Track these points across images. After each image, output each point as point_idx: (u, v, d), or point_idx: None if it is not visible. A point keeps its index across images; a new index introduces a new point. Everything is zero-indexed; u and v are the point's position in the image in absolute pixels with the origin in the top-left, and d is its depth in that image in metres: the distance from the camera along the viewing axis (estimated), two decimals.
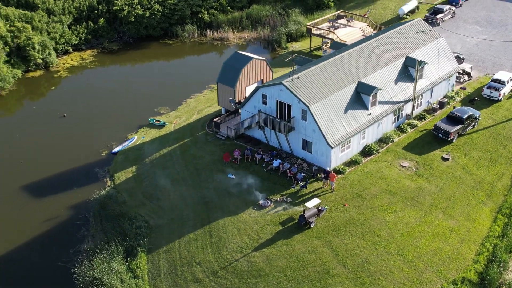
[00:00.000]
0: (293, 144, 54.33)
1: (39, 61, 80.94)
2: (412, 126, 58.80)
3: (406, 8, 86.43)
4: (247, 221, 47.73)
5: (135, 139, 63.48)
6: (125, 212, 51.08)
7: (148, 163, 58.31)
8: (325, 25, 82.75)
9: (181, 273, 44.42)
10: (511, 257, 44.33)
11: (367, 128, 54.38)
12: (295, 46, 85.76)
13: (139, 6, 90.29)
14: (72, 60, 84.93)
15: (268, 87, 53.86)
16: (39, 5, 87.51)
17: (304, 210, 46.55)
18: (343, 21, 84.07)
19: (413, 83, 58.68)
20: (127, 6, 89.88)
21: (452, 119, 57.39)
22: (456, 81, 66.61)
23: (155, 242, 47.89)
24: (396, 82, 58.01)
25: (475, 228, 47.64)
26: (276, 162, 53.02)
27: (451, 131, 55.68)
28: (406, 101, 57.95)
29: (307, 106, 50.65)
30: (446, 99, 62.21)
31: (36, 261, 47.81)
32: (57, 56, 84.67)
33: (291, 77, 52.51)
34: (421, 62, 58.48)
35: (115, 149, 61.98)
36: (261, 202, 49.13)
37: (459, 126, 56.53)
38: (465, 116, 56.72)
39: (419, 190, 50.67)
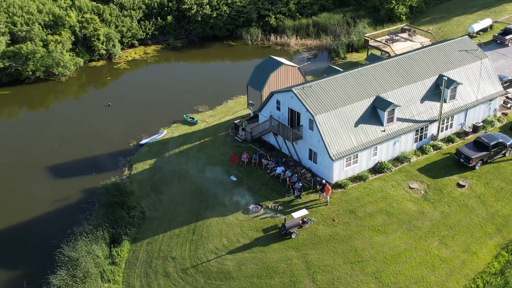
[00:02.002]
0: (301, 153, 53.51)
1: (103, 52, 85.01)
2: (436, 148, 55.89)
3: (477, 27, 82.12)
4: (232, 224, 47.64)
5: (164, 133, 65.17)
6: (126, 201, 52.53)
7: (166, 157, 59.68)
8: (385, 37, 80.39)
9: (155, 265, 45.18)
10: None
11: (379, 145, 52.38)
12: (354, 56, 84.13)
13: (208, 6, 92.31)
14: (135, 53, 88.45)
15: (281, 93, 53.45)
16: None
17: (285, 220, 45.74)
18: (405, 35, 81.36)
19: (443, 103, 55.80)
20: (196, 5, 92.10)
21: (479, 144, 53.98)
22: (503, 106, 62.46)
23: (142, 233, 49.01)
24: (422, 100, 55.42)
25: (471, 261, 44.59)
26: (278, 169, 52.49)
27: (473, 157, 52.38)
28: (431, 121, 55.15)
29: (313, 116, 49.69)
30: (482, 124, 58.49)
31: (34, 236, 50.30)
32: (122, 49, 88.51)
33: (303, 85, 51.71)
34: (452, 81, 55.51)
35: (143, 141, 63.95)
36: (251, 207, 48.84)
37: (484, 153, 53.04)
38: (492, 143, 53.13)
39: (420, 214, 48.18)
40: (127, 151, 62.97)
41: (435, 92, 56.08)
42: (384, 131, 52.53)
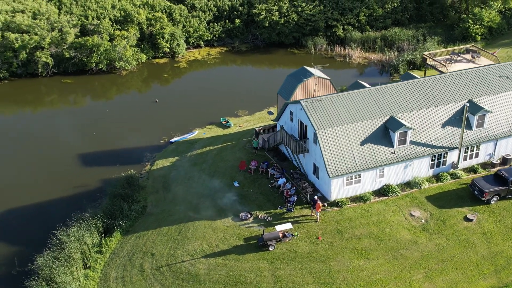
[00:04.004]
0: (306, 166, 52.84)
1: (167, 50, 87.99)
2: (454, 176, 53.04)
3: None
4: (218, 229, 48.02)
5: (195, 133, 66.60)
6: (132, 195, 54.36)
7: (187, 157, 61.05)
8: (444, 57, 76.97)
9: (134, 259, 46.52)
10: None
11: (387, 167, 50.54)
12: (414, 74, 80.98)
13: (277, 13, 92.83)
14: (199, 54, 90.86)
15: (293, 105, 53.08)
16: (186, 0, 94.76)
17: (263, 231, 45.47)
18: (468, 56, 77.38)
19: (468, 131, 52.91)
20: (265, 11, 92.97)
21: (498, 178, 50.64)
22: None
23: (136, 227, 50.56)
24: (444, 125, 52.75)
25: None
26: (280, 181, 52.12)
27: (487, 190, 49.20)
28: (451, 148, 52.38)
29: (315, 130, 48.95)
30: None
31: (44, 216, 53.29)
32: (188, 49, 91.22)
33: (312, 98, 51.07)
34: (479, 108, 52.46)
35: (173, 139, 65.72)
36: (241, 214, 48.95)
37: (501, 188, 49.67)
38: None
39: (412, 243, 46.03)
40: (156, 147, 64.98)
41: (461, 118, 53.10)
42: (394, 153, 50.56)
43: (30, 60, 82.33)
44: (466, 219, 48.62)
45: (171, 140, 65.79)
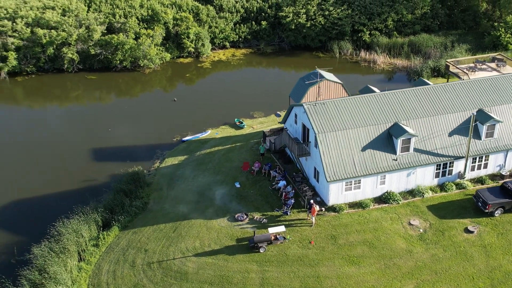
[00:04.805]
0: (308, 170, 52.47)
1: (191, 50, 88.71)
2: (460, 187, 51.79)
3: None
4: (212, 228, 48.13)
5: (208, 133, 66.93)
6: (135, 191, 55.00)
7: (195, 156, 61.41)
8: (468, 65, 75.29)
9: (128, 254, 47.03)
10: None
11: (388, 174, 49.74)
12: (438, 81, 79.56)
13: (304, 15, 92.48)
14: (223, 55, 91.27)
15: (297, 107, 52.81)
16: (214, 0, 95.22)
17: (254, 233, 45.35)
18: (493, 64, 75.50)
19: (476, 140, 51.65)
20: (292, 14, 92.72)
21: (504, 190, 49.25)
22: None
23: (135, 222, 51.09)
24: (451, 133, 51.56)
25: None
26: (281, 183, 51.90)
27: (490, 202, 47.87)
28: (457, 158, 51.16)
29: (315, 134, 48.58)
30: None
31: (46, 210, 54.41)
32: (213, 49, 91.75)
33: (316, 102, 50.70)
34: (489, 117, 51.14)
35: (186, 138, 66.21)
36: (237, 215, 48.94)
37: (506, 200, 48.28)
38: None
39: (407, 253, 45.15)
40: (168, 145, 65.55)
41: (469, 127, 51.79)
42: (396, 160, 49.69)
43: (57, 56, 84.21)
44: (467, 231, 47.37)
45: (183, 139, 66.25)
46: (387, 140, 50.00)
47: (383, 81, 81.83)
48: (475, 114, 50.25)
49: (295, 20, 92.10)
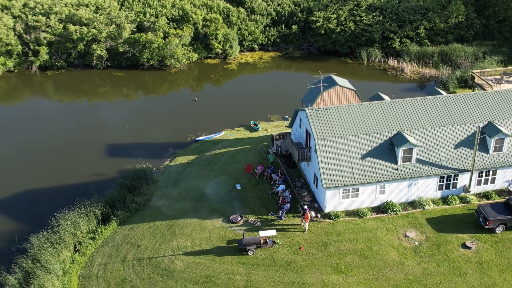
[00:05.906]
0: (308, 175, 52.14)
1: (219, 51, 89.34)
2: (464, 201, 50.47)
3: None
4: (206, 228, 48.39)
5: (221, 134, 67.31)
6: (138, 187, 55.80)
7: (205, 156, 61.86)
8: (494, 77, 73.29)
9: (121, 249, 47.76)
10: None
11: (388, 183, 48.93)
12: (465, 92, 77.70)
13: (335, 21, 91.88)
14: (251, 57, 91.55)
15: (302, 112, 52.57)
16: (246, 3, 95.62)
17: (243, 235, 45.36)
18: None
19: (484, 154, 50.28)
20: (322, 18, 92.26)
21: (508, 206, 47.74)
22: None
23: (134, 218, 51.84)
24: (457, 146, 50.31)
25: None
26: (280, 187, 51.75)
27: (491, 219, 46.50)
28: (461, 170, 49.90)
29: (314, 139, 48.28)
30: None
31: (51, 200, 55.83)
32: (241, 51, 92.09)
33: (318, 106, 50.34)
34: (498, 131, 49.67)
35: (199, 138, 66.77)
36: (232, 216, 49.07)
37: (509, 217, 46.77)
38: None
39: (398, 265, 44.30)
40: (181, 144, 66.23)
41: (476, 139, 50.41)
42: (397, 169, 48.83)
43: (87, 52, 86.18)
44: (464, 246, 46.11)
45: (197, 139, 66.79)
46: (389, 150, 49.16)
47: (409, 90, 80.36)
48: (480, 126, 48.81)
49: (325, 25, 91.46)
